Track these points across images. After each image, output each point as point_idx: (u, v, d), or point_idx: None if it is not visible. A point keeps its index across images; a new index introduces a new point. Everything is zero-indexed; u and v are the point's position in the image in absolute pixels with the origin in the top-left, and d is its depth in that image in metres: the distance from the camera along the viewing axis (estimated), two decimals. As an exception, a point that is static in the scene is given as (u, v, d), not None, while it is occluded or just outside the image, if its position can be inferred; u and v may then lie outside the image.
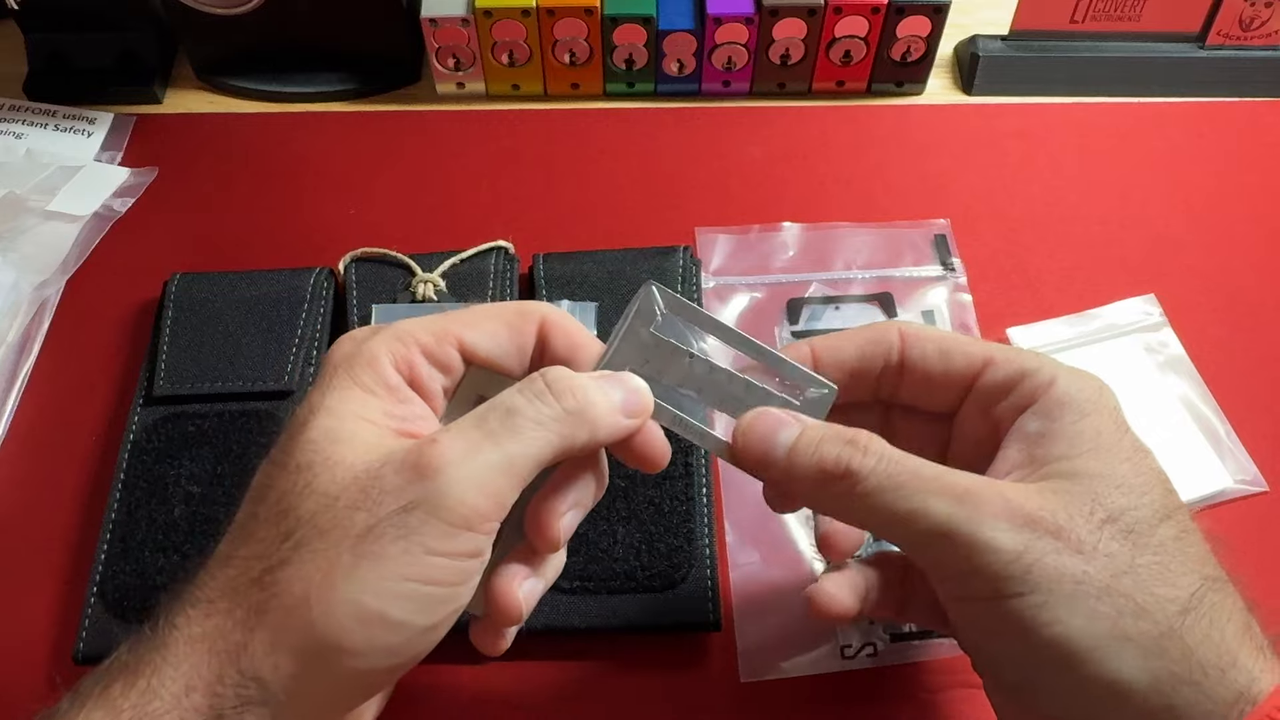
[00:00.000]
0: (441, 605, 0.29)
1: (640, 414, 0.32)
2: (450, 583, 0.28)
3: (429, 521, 0.27)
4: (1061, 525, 0.30)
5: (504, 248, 0.54)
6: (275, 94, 0.65)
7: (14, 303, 0.54)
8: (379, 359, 0.30)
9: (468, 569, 0.29)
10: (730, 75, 0.63)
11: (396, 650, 0.28)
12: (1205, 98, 0.64)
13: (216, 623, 0.28)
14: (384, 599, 0.27)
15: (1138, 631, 0.29)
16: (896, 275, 0.55)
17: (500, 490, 0.29)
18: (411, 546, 0.27)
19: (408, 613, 0.28)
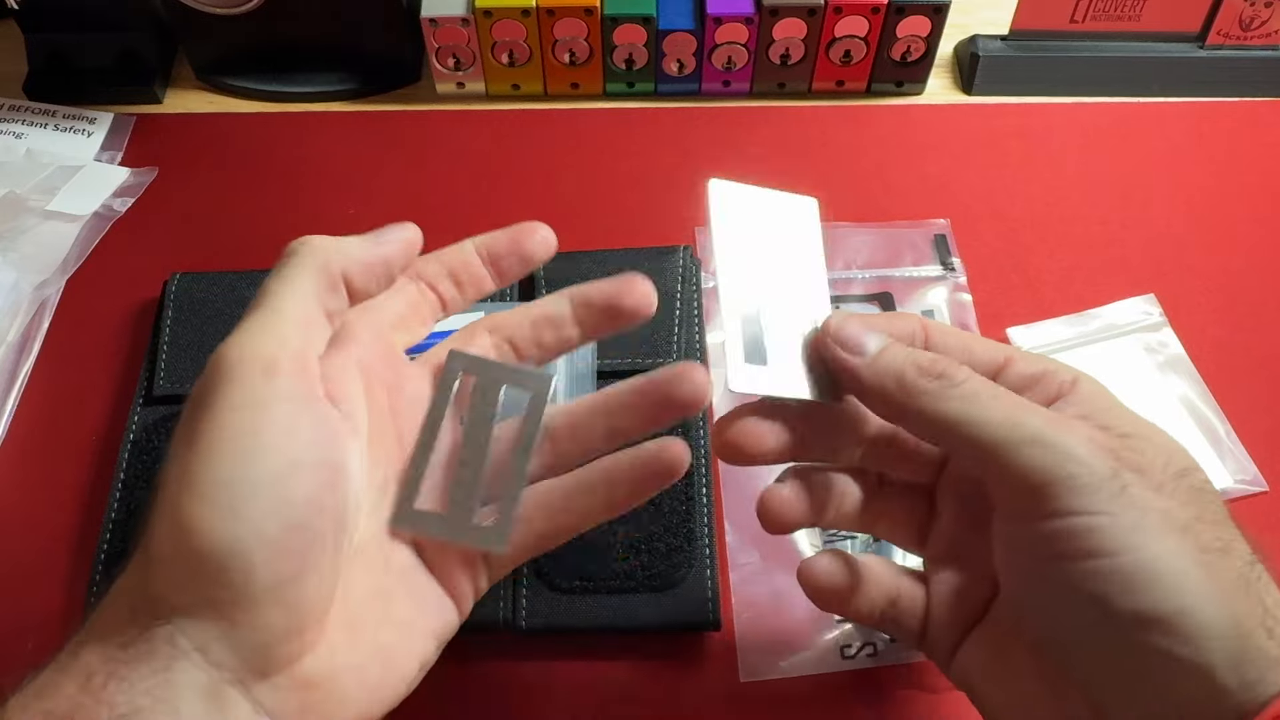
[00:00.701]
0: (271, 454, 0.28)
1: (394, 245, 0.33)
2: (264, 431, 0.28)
3: (225, 383, 0.29)
4: (1144, 465, 0.30)
5: (504, 248, 0.54)
6: (275, 94, 0.65)
7: (14, 303, 0.54)
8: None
9: (285, 414, 0.29)
10: (730, 75, 0.63)
11: (233, 511, 0.28)
12: (1205, 98, 0.64)
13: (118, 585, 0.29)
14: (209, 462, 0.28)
15: (1221, 568, 0.29)
16: (896, 275, 0.55)
17: (283, 336, 0.30)
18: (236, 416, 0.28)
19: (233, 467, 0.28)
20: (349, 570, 0.31)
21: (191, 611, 0.28)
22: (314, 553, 0.29)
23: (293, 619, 0.29)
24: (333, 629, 0.30)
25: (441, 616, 0.34)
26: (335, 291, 0.32)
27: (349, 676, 0.30)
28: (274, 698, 0.29)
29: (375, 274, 0.33)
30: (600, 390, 0.36)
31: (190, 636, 0.28)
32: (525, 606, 0.44)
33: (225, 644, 0.28)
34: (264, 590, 0.28)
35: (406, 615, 0.33)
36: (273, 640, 0.28)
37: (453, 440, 0.36)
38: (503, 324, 0.37)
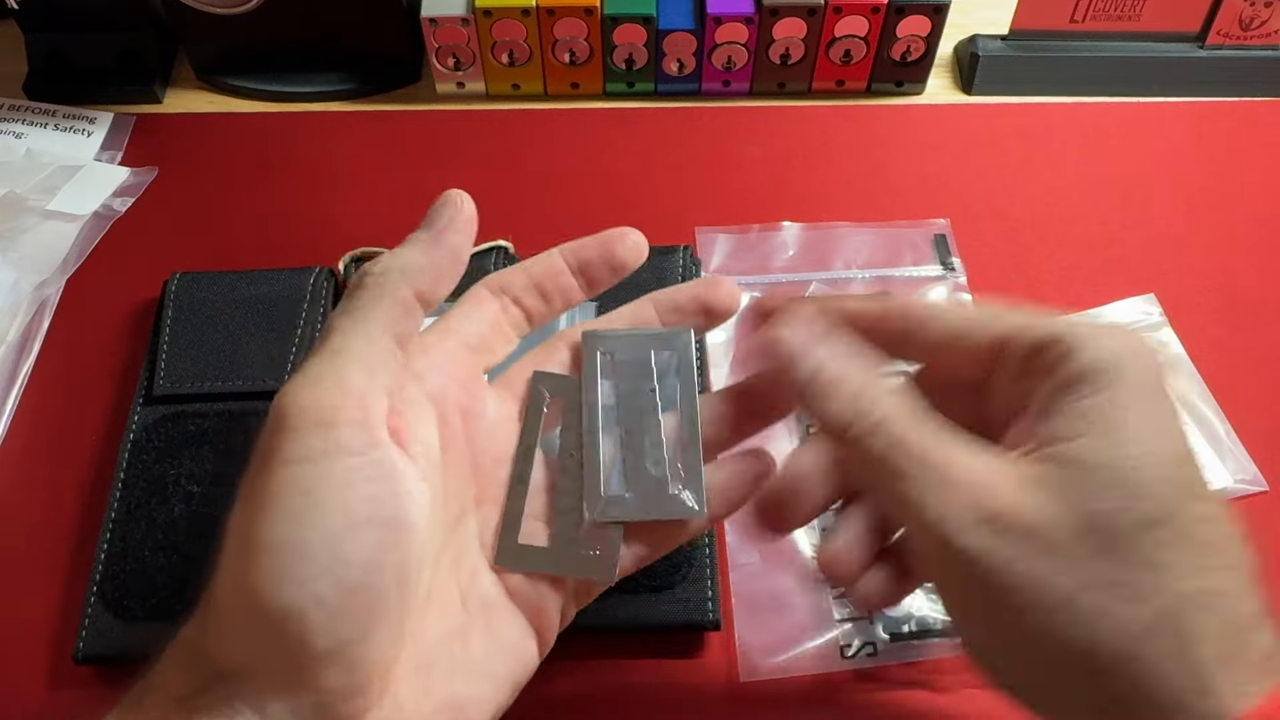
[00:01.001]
0: (354, 509, 0.27)
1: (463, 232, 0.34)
2: (343, 480, 0.27)
3: (283, 436, 0.28)
4: (1034, 525, 0.27)
5: (504, 247, 0.54)
6: (275, 94, 0.65)
7: (14, 303, 0.54)
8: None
9: (352, 465, 0.28)
10: (730, 75, 0.63)
11: (288, 574, 0.26)
12: (1205, 98, 0.64)
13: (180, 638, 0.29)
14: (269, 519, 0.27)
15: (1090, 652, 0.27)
16: (896, 275, 0.55)
17: (343, 381, 0.28)
18: (283, 468, 0.27)
19: (304, 528, 0.27)
20: (424, 614, 0.30)
21: (248, 672, 0.27)
22: (376, 614, 0.27)
23: (355, 679, 0.27)
24: (401, 678, 0.29)
25: (521, 655, 0.33)
26: (410, 316, 0.31)
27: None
28: None
29: (446, 274, 0.32)
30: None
31: (247, 698, 0.27)
32: (525, 606, 0.44)
33: (283, 706, 0.27)
34: (322, 654, 0.26)
35: (483, 657, 0.31)
36: (333, 701, 0.27)
37: (545, 467, 0.35)
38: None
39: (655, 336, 0.35)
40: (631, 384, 0.35)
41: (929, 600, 0.44)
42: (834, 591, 0.45)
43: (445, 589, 0.32)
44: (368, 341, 0.30)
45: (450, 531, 0.32)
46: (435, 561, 0.31)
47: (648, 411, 0.34)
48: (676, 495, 0.34)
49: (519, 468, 0.34)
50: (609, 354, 0.35)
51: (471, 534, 0.33)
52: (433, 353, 0.33)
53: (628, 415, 0.35)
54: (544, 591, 0.33)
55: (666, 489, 0.34)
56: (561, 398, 0.35)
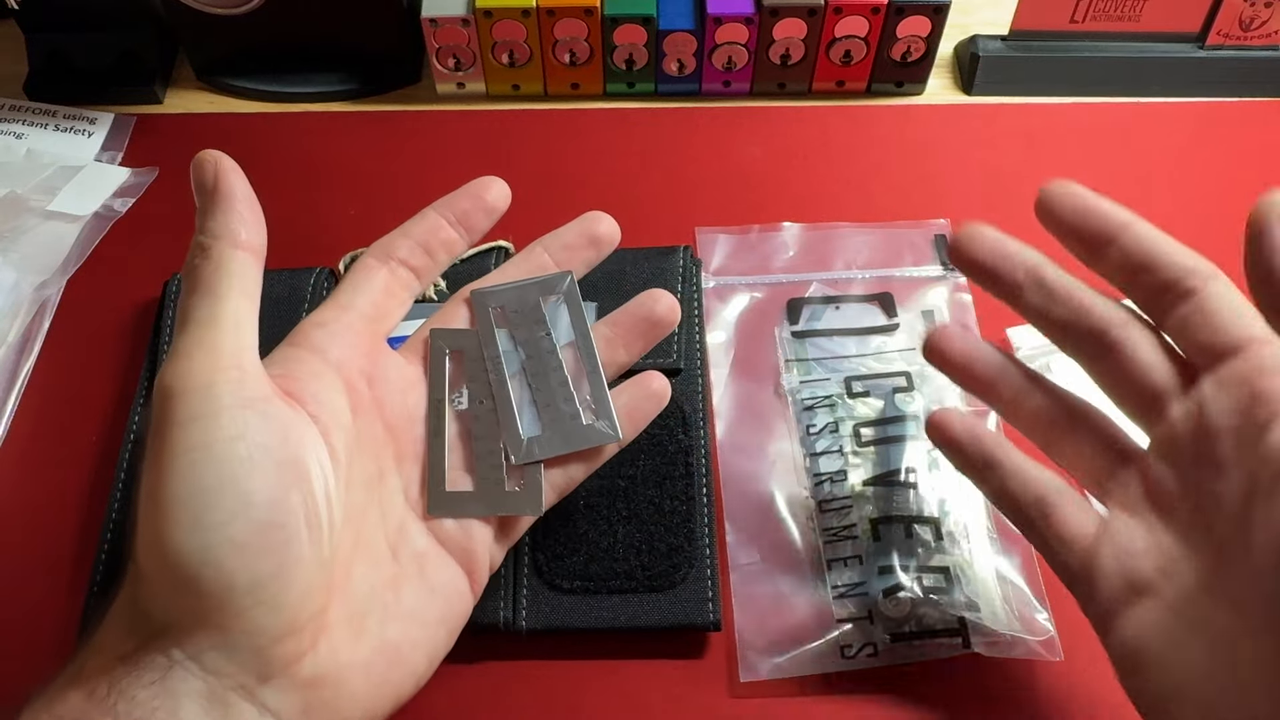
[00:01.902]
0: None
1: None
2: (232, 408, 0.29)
3: (171, 405, 0.30)
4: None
5: (504, 247, 0.54)
6: (275, 94, 0.65)
7: (14, 303, 0.54)
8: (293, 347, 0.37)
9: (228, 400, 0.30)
10: (730, 75, 0.63)
11: (226, 515, 0.28)
12: (1205, 98, 0.64)
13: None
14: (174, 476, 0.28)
15: None
16: (896, 275, 0.55)
17: (213, 347, 0.31)
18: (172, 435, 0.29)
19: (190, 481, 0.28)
20: (350, 567, 0.31)
21: (181, 624, 0.28)
22: (289, 549, 0.29)
23: (282, 619, 0.29)
24: (335, 627, 0.31)
25: (453, 599, 0.35)
26: (248, 268, 0.34)
27: (355, 674, 0.31)
28: (279, 700, 0.29)
29: (249, 214, 0.35)
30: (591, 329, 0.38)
31: (184, 648, 0.28)
32: (525, 607, 0.44)
33: (219, 652, 0.28)
34: (244, 593, 0.28)
35: (416, 604, 0.33)
36: (265, 643, 0.28)
37: (458, 419, 0.37)
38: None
39: (538, 284, 0.38)
40: (527, 331, 0.38)
41: (929, 600, 0.44)
42: (834, 591, 0.45)
43: (373, 542, 0.33)
44: (223, 305, 0.32)
45: (372, 489, 0.34)
46: (361, 516, 0.33)
47: (547, 353, 0.37)
48: (592, 425, 0.37)
49: (433, 422, 0.36)
50: (499, 307, 0.38)
51: (395, 490, 0.35)
52: (332, 326, 0.36)
53: (530, 360, 0.37)
54: (473, 535, 0.35)
55: (581, 421, 0.37)
56: (461, 350, 0.37)
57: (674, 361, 0.50)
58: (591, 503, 0.46)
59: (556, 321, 0.39)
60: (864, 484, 0.47)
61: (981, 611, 0.43)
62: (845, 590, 0.45)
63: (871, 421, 0.49)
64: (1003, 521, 0.47)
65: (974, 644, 0.43)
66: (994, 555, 0.46)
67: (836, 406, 0.50)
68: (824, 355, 0.52)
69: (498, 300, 0.38)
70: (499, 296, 0.39)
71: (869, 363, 0.52)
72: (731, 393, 0.51)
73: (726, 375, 0.52)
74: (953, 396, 0.50)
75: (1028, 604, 0.45)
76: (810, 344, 0.53)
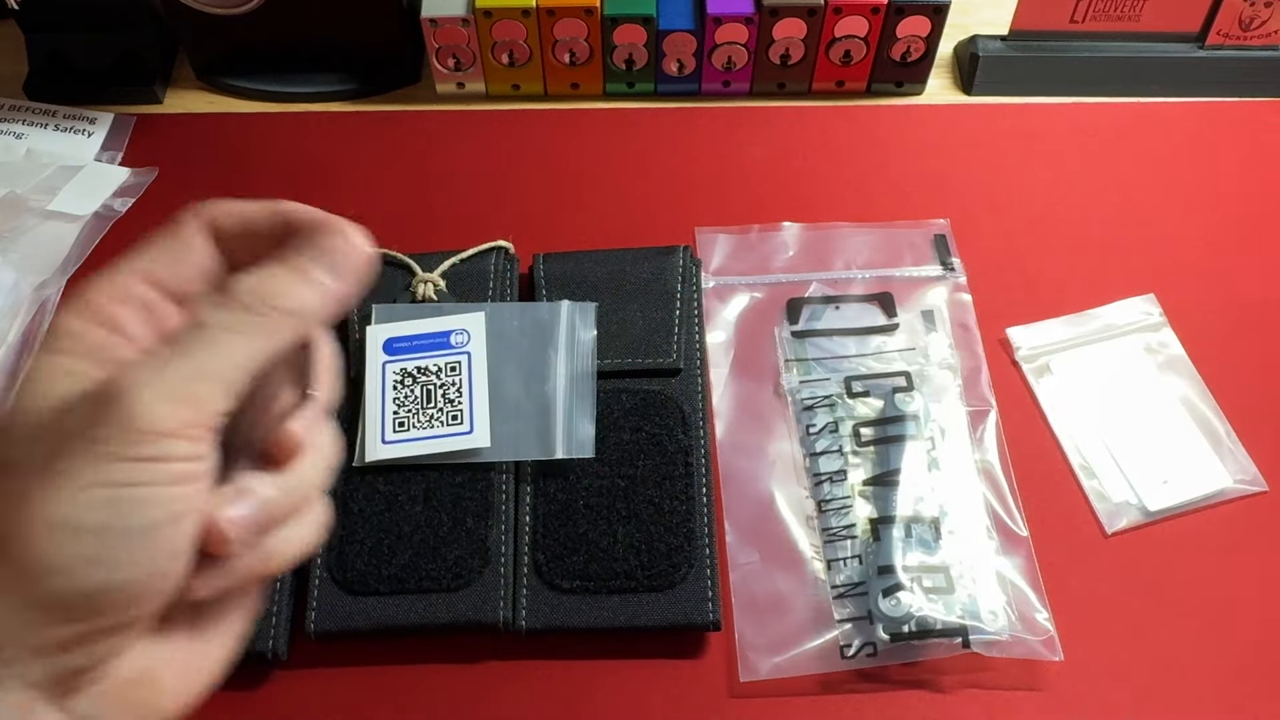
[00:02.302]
0: (151, 509, 0.27)
1: (353, 272, 0.31)
2: (156, 483, 0.27)
3: (120, 434, 0.27)
4: None
5: (504, 248, 0.54)
6: (275, 94, 0.65)
7: (14, 303, 0.54)
8: (64, 323, 0.30)
9: (177, 471, 0.27)
10: (730, 75, 0.63)
11: (102, 559, 0.27)
12: (1205, 98, 0.64)
13: None
14: (73, 507, 0.26)
15: None
16: (896, 275, 0.55)
17: (200, 396, 0.28)
18: (101, 456, 0.26)
19: (103, 516, 0.26)
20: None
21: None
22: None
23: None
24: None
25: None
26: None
27: (165, 670, 0.30)
28: (90, 705, 0.28)
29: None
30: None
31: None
32: (525, 606, 0.44)
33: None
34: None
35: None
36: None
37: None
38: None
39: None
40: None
41: (929, 601, 0.44)
42: (834, 591, 0.45)
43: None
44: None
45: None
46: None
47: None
48: None
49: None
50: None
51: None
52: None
53: None
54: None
55: None
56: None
57: (674, 361, 0.50)
58: (591, 503, 0.46)
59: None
60: (864, 484, 0.47)
61: (981, 611, 0.43)
62: (845, 590, 0.45)
63: (871, 421, 0.49)
64: (1003, 522, 0.47)
65: (974, 644, 0.43)
66: (994, 555, 0.46)
67: (836, 406, 0.50)
68: (824, 355, 0.52)
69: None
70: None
71: (869, 363, 0.52)
72: (731, 393, 0.51)
73: (726, 375, 0.52)
74: (953, 396, 0.50)
75: (1028, 604, 0.45)
76: (810, 344, 0.53)
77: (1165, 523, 0.48)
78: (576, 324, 0.51)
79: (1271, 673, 0.44)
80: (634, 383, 0.50)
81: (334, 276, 0.31)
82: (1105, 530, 0.48)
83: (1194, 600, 0.46)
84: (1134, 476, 0.49)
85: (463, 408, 0.48)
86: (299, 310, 0.30)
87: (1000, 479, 0.48)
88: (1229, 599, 0.46)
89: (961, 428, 0.49)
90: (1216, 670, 0.44)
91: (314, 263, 0.31)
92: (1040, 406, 0.51)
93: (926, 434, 0.49)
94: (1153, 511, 0.48)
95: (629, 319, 0.51)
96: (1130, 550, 0.47)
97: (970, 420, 0.50)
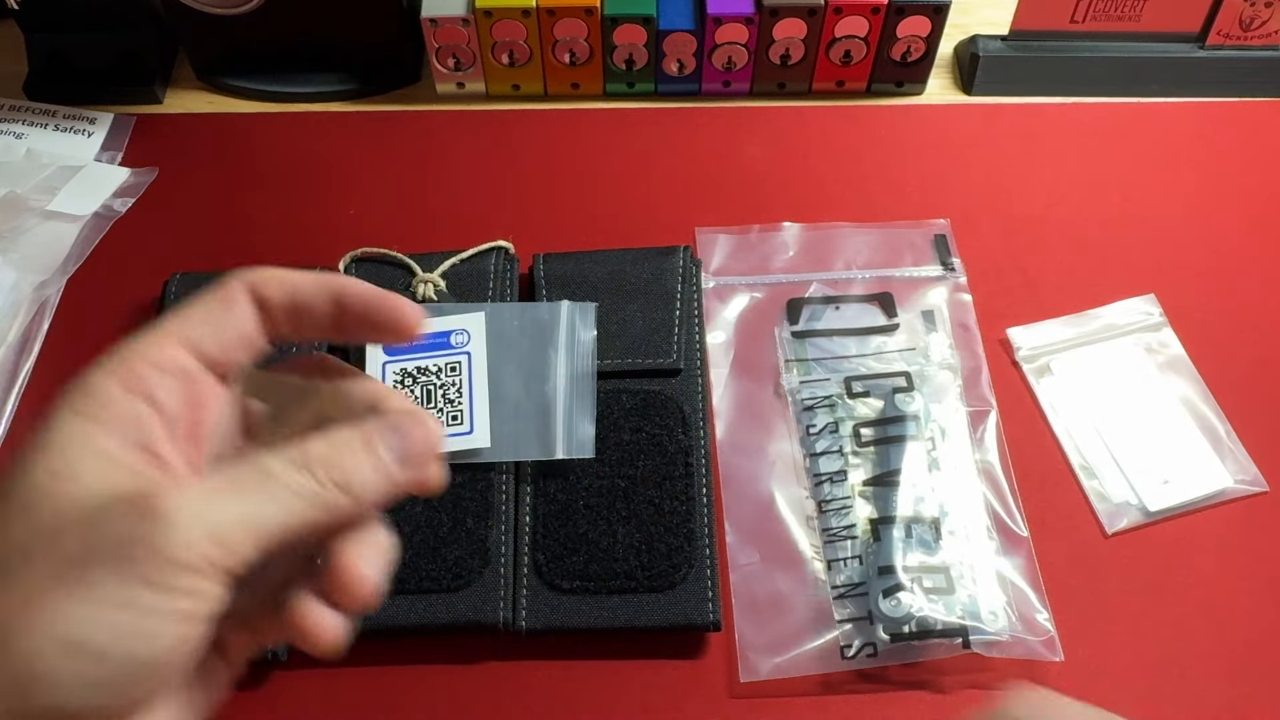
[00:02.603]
0: (158, 642, 0.26)
1: (423, 463, 0.29)
2: (170, 617, 0.26)
3: (150, 556, 0.25)
4: None
5: (504, 248, 0.54)
6: (275, 94, 0.65)
7: (14, 303, 0.54)
8: (98, 384, 0.27)
9: (191, 610, 0.26)
10: (730, 75, 0.63)
11: (101, 684, 0.25)
12: (1205, 98, 0.64)
13: None
14: (89, 626, 0.25)
15: None
16: (896, 275, 0.55)
17: (236, 543, 0.26)
18: (127, 576, 0.25)
19: (116, 644, 0.25)
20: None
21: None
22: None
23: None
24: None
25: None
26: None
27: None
28: None
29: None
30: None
31: None
32: (525, 607, 0.44)
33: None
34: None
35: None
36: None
37: None
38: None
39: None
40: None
41: (929, 601, 0.44)
42: (834, 591, 0.45)
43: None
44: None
45: None
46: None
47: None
48: None
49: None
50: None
51: None
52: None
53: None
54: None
55: None
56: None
57: (674, 362, 0.50)
58: (591, 503, 0.46)
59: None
60: (864, 484, 0.47)
61: (981, 612, 0.43)
62: (845, 590, 0.45)
63: (871, 421, 0.49)
64: (1003, 522, 0.47)
65: (974, 644, 0.43)
66: (994, 555, 0.46)
67: (836, 407, 0.50)
68: (824, 355, 0.52)
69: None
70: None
71: (869, 363, 0.52)
72: (731, 393, 0.51)
73: (726, 375, 0.52)
74: (953, 396, 0.50)
75: (1028, 604, 0.45)
76: (810, 344, 0.53)
77: (1165, 523, 0.48)
78: (576, 324, 0.51)
79: (1271, 673, 0.44)
80: (634, 383, 0.50)
81: (403, 466, 0.29)
82: (1105, 530, 0.48)
83: (1194, 600, 0.46)
84: (1134, 476, 0.49)
85: (463, 408, 0.48)
86: (362, 496, 0.28)
87: (1000, 479, 0.48)
88: (1229, 599, 0.46)
89: (962, 428, 0.49)
90: (1216, 670, 0.44)
91: (387, 446, 0.29)
92: (1040, 406, 0.51)
93: (927, 434, 0.49)
94: (1153, 511, 0.48)
95: (629, 319, 0.51)
96: (1130, 550, 0.47)
97: (970, 420, 0.50)
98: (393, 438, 0.29)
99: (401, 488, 0.29)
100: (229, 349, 0.30)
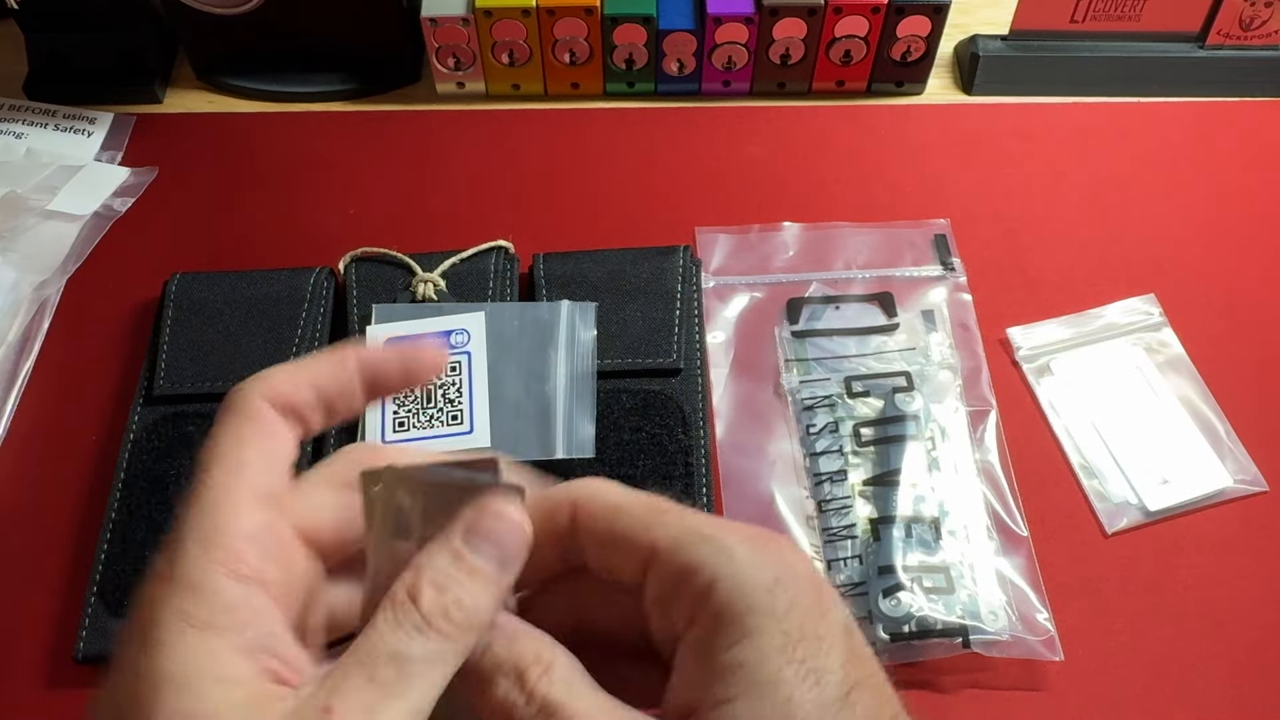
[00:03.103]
0: None
1: (520, 558, 0.27)
2: None
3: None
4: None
5: (504, 247, 0.54)
6: (275, 94, 0.65)
7: (14, 303, 0.54)
8: (205, 577, 0.24)
9: None
10: (730, 75, 0.63)
11: None
12: (1205, 98, 0.64)
13: None
14: None
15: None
16: (896, 275, 0.55)
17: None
18: None
19: None
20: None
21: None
22: None
23: None
24: None
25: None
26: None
27: None
28: None
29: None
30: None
31: None
32: (525, 606, 0.44)
33: None
34: None
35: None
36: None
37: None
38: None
39: (460, 485, 0.27)
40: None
41: (929, 601, 0.44)
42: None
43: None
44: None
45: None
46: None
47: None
48: None
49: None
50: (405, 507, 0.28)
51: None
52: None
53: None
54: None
55: None
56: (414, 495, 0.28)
57: (674, 361, 0.50)
58: (591, 503, 0.46)
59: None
60: (864, 484, 0.47)
61: (981, 611, 0.43)
62: (845, 590, 0.45)
63: (871, 421, 0.49)
64: (1003, 522, 0.47)
65: (974, 644, 0.43)
66: (994, 556, 0.46)
67: (836, 406, 0.50)
68: (824, 355, 0.52)
69: (407, 492, 0.27)
70: (409, 485, 0.27)
71: (869, 362, 0.52)
72: (731, 393, 0.51)
73: (726, 375, 0.52)
74: (953, 396, 0.50)
75: (1028, 604, 0.45)
76: (810, 344, 0.53)
77: (1165, 523, 0.48)
78: (576, 324, 0.51)
79: (1271, 673, 0.44)
80: (634, 383, 0.50)
81: (502, 567, 0.26)
82: (1105, 530, 0.48)
83: (1194, 600, 0.46)
84: (1134, 476, 0.49)
85: (463, 408, 0.48)
86: (485, 620, 0.26)
87: (1000, 479, 0.48)
88: (1229, 599, 0.46)
89: (962, 428, 0.49)
90: (1216, 670, 0.44)
91: (481, 556, 0.26)
92: (1040, 406, 0.51)
93: (927, 434, 0.49)
94: (1153, 511, 0.48)
95: (629, 319, 0.51)
96: (1130, 550, 0.47)
97: (970, 420, 0.50)
98: (485, 546, 0.26)
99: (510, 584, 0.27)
100: (285, 482, 0.27)
